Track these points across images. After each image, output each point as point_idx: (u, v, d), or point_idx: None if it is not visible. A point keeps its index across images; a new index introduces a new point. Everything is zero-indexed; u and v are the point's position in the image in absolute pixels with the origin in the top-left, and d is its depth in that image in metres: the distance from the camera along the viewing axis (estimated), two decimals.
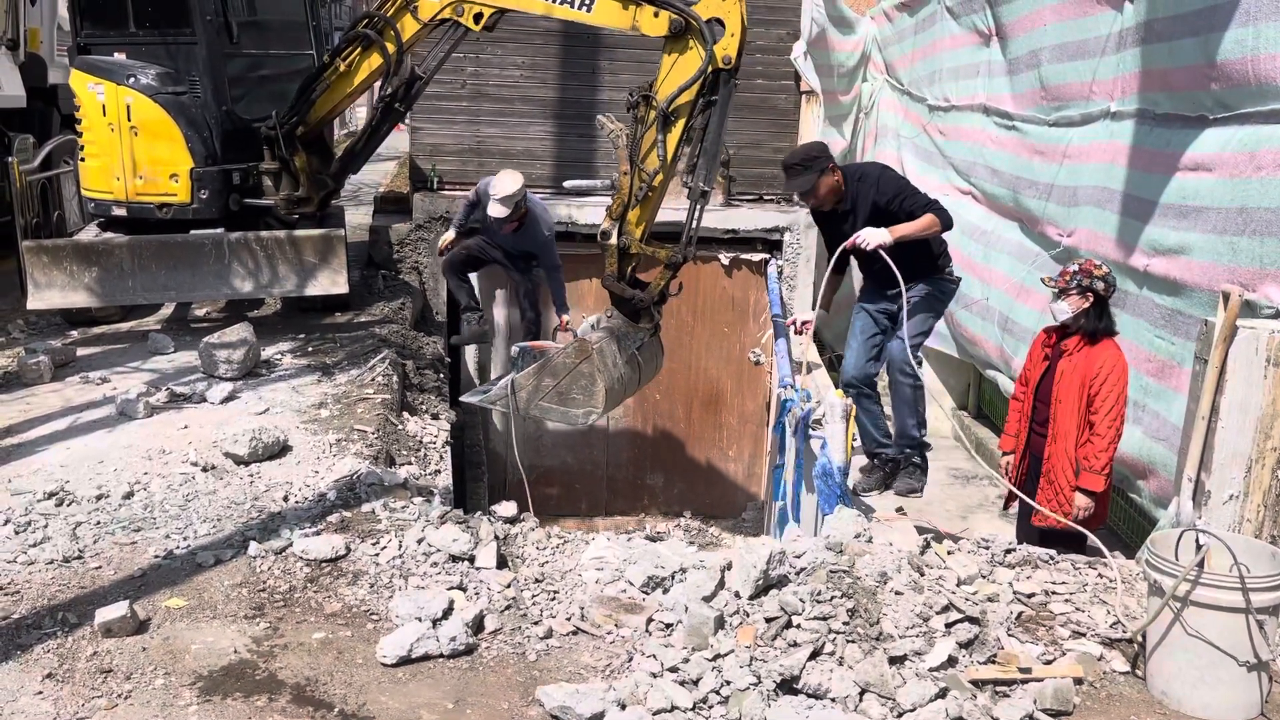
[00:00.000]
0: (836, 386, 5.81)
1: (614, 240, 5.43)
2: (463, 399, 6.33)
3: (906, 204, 5.23)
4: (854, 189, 5.30)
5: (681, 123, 5.18)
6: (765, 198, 9.14)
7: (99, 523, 4.01)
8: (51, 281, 6.42)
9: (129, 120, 6.57)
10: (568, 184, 8.97)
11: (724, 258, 8.85)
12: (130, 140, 6.62)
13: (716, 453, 9.54)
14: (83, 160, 6.87)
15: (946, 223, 5.21)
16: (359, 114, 17.75)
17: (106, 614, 3.25)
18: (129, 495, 4.27)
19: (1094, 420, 4.42)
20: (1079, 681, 3.09)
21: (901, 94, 9.41)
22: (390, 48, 6.32)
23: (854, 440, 4.69)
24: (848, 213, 5.31)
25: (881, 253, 5.09)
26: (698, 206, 5.40)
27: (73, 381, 5.81)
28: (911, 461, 5.49)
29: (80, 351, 6.36)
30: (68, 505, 4.15)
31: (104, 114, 6.59)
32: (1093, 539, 4.22)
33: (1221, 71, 4.44)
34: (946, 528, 5.59)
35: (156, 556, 3.79)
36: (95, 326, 6.94)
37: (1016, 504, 5.00)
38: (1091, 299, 4.51)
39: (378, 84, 6.73)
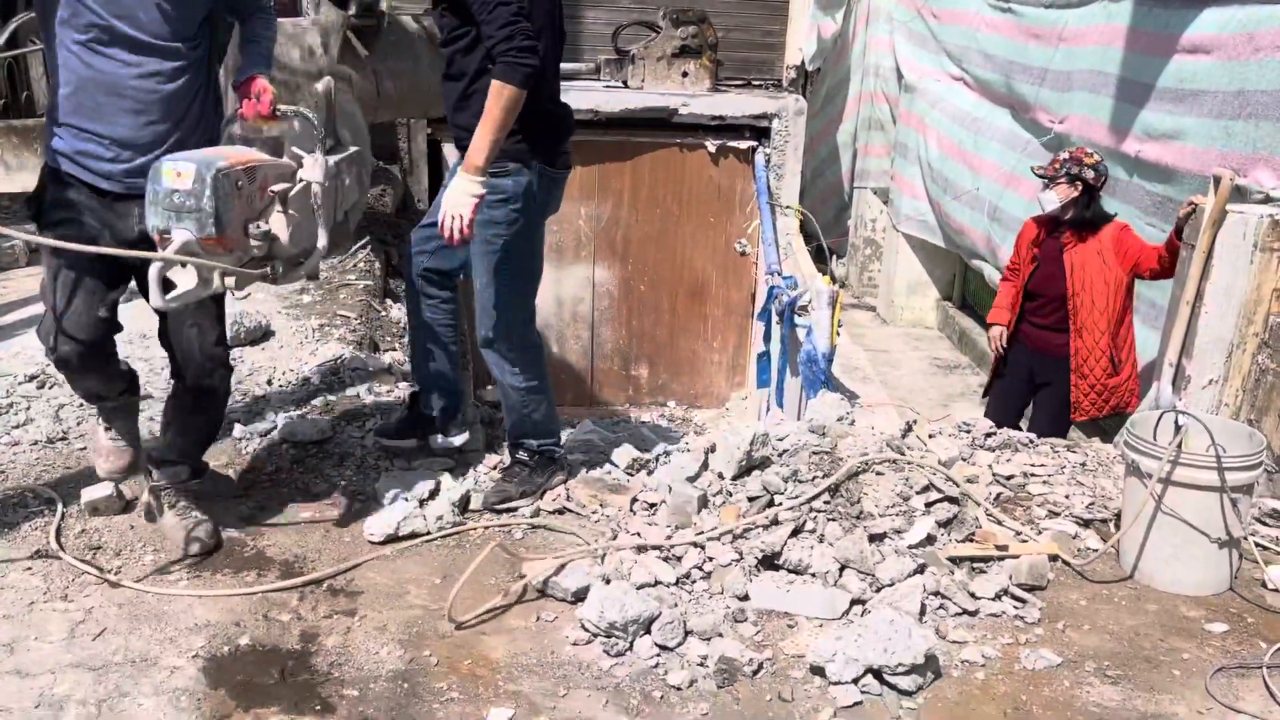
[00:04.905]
0: (823, 274, 5.79)
1: None
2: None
3: (489, 25, 3.01)
4: None
5: None
6: (754, 83, 8.95)
7: (81, 405, 3.99)
8: (23, 164, 6.26)
9: None
10: None
11: (710, 145, 8.71)
12: None
13: (701, 344, 9.57)
14: None
15: (524, 85, 3.01)
16: None
17: (92, 493, 3.26)
18: None
19: (1160, 255, 4.34)
20: (1054, 558, 3.16)
21: None
22: None
23: (839, 326, 4.69)
24: None
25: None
26: None
27: None
28: (518, 459, 3.57)
29: None
30: (49, 388, 4.13)
31: None
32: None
33: None
34: (929, 415, 5.64)
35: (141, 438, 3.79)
36: None
37: (993, 392, 5.04)
38: (1080, 188, 4.46)
39: None
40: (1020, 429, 4.91)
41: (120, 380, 3.17)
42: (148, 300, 2.68)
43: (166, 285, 2.65)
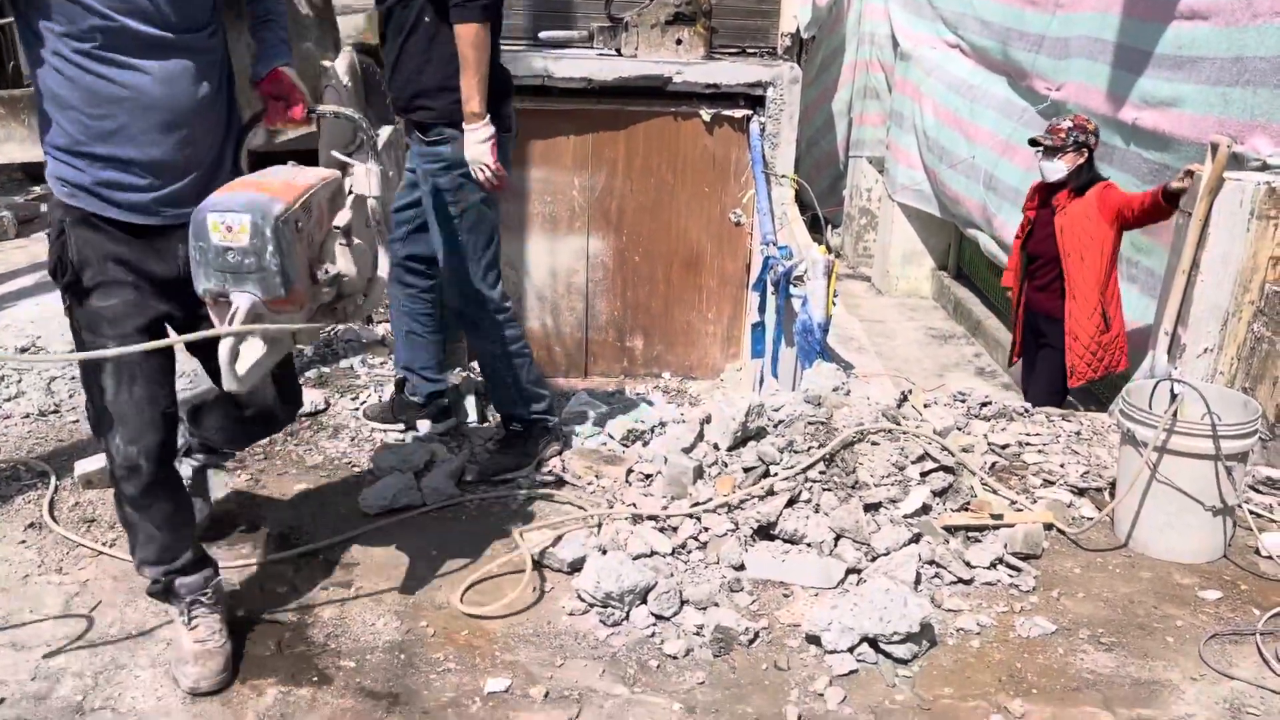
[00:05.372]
0: (819, 244, 5.75)
1: None
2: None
3: None
4: None
5: None
6: (748, 51, 8.87)
7: (74, 377, 3.97)
8: (10, 135, 6.20)
9: None
10: (543, 35, 8.67)
11: (705, 114, 8.64)
12: None
13: (696, 315, 9.55)
14: None
15: (485, 17, 3.14)
16: None
17: (86, 466, 3.25)
18: None
19: (1142, 201, 4.33)
20: (1049, 527, 3.17)
21: None
22: None
23: (835, 297, 4.66)
24: None
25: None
26: None
27: (39, 237, 5.68)
28: (512, 430, 3.61)
29: (44, 207, 6.19)
30: None
31: None
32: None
33: None
34: (924, 384, 5.64)
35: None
36: None
37: (1020, 360, 5.08)
38: (1086, 155, 4.48)
39: None
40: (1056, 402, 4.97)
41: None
42: (217, 382, 2.32)
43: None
